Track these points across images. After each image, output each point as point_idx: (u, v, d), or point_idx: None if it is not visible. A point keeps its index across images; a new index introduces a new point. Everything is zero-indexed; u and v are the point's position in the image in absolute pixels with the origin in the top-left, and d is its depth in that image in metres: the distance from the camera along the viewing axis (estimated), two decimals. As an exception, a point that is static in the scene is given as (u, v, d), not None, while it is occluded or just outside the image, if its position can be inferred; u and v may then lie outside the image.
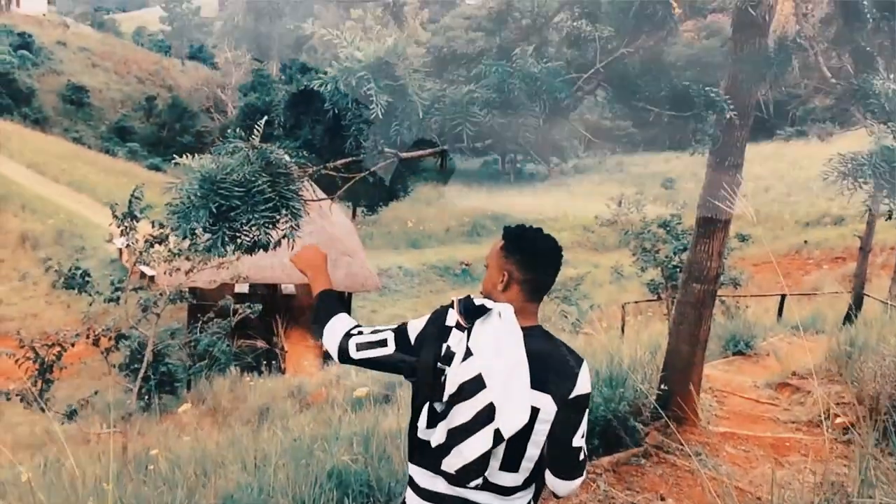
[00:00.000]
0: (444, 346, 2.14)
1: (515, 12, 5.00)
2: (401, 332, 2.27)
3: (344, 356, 2.32)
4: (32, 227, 29.13)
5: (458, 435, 2.05)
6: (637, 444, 5.14)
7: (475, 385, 2.03)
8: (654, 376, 5.66)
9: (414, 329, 2.25)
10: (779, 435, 5.99)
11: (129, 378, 11.23)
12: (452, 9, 56.57)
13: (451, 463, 2.08)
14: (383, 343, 2.26)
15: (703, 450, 5.15)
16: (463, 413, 2.04)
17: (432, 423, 2.13)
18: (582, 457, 2.22)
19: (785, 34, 3.60)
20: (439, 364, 2.12)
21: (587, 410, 2.22)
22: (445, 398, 2.07)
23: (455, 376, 2.06)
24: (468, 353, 2.06)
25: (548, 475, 2.24)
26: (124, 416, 6.97)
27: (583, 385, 2.18)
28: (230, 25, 77.04)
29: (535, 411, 2.11)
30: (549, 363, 2.15)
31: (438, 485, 2.19)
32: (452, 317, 2.16)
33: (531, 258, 2.23)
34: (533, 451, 2.17)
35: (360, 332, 2.32)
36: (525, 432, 2.09)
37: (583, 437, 2.20)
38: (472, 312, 2.11)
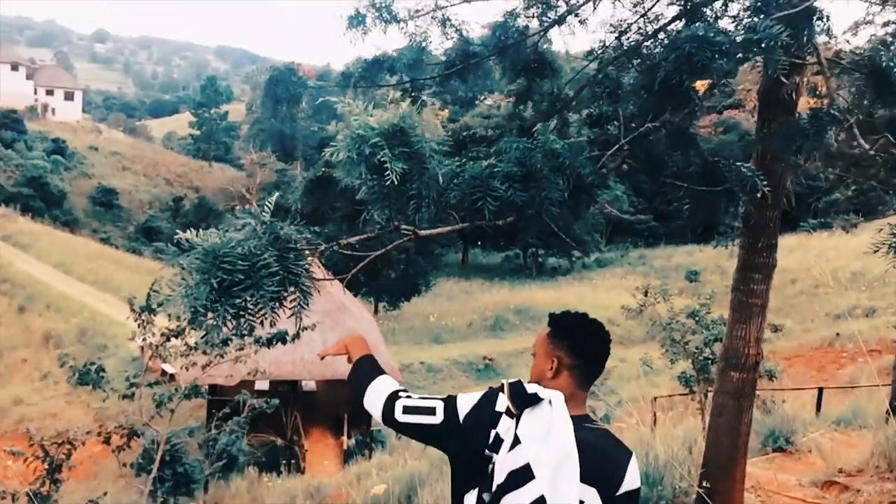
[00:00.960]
0: (493, 432, 2.04)
1: (535, 95, 4.94)
2: (450, 405, 2.19)
3: (388, 417, 2.25)
4: (56, 326, 29.26)
5: None
6: (678, 548, 4.74)
7: (524, 475, 1.94)
8: (695, 474, 5.29)
9: (463, 407, 2.17)
10: (831, 537, 5.53)
11: (143, 479, 10.87)
12: (472, 108, 57.97)
13: None
14: (431, 411, 2.19)
15: (751, 554, 4.73)
16: None
17: None
18: None
19: (818, 107, 3.47)
20: (487, 451, 2.04)
21: None
22: (494, 488, 1.98)
23: (503, 465, 1.98)
24: (516, 441, 1.98)
25: None
26: (133, 520, 6.63)
27: (631, 480, 2.12)
28: (256, 128, 79.42)
29: None
30: (597, 455, 2.07)
31: None
32: (503, 402, 2.08)
33: (580, 343, 2.19)
34: None
35: (409, 396, 2.27)
36: None
37: None
38: (522, 399, 2.04)
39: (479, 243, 57.26)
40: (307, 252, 2.55)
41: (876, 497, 6.55)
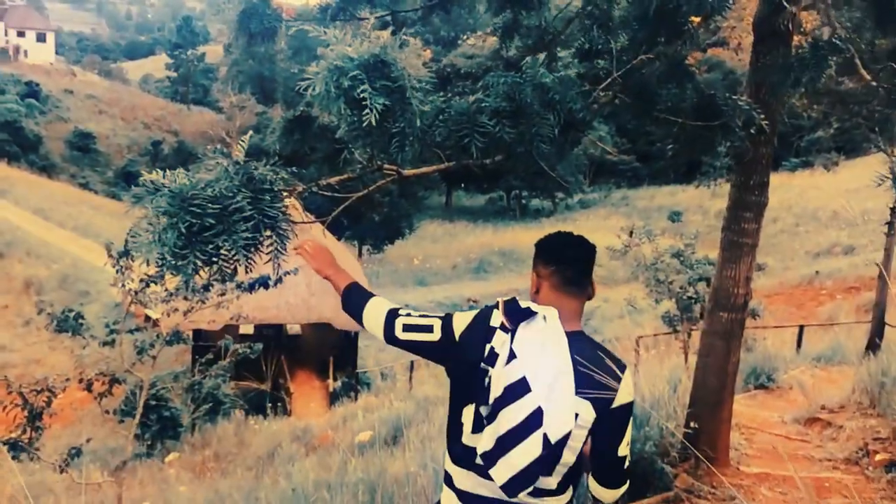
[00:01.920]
0: (488, 346, 2.09)
1: (522, 29, 4.74)
2: (447, 323, 2.26)
3: (390, 335, 2.33)
4: (37, 273, 28.94)
5: (507, 442, 1.98)
6: (666, 489, 4.74)
7: (520, 388, 1.98)
8: (680, 413, 5.28)
9: (459, 325, 2.24)
10: (816, 475, 5.57)
11: (127, 424, 10.85)
12: (454, 49, 56.92)
13: (500, 473, 2.01)
14: (429, 329, 2.26)
15: (738, 493, 4.75)
16: (510, 418, 1.98)
17: (478, 427, 2.10)
18: (626, 464, 2.20)
19: (819, 36, 3.31)
20: (482, 365, 2.08)
21: (631, 418, 2.19)
22: (490, 401, 2.02)
23: (499, 379, 2.01)
24: (512, 356, 2.02)
25: (592, 483, 2.24)
26: (118, 466, 6.58)
27: (625, 393, 2.14)
28: (234, 70, 77.81)
29: (574, 417, 2.07)
30: (591, 369, 2.11)
31: (483, 489, 2.15)
32: (497, 318, 2.12)
33: (553, 252, 2.26)
34: (569, 456, 2.10)
35: (409, 314, 2.34)
36: (563, 437, 2.03)
37: (627, 445, 2.18)
38: (516, 314, 2.07)
39: (463, 185, 56.95)
40: (284, 194, 2.40)
41: (859, 433, 6.60)
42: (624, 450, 2.16)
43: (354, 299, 2.46)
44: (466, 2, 4.69)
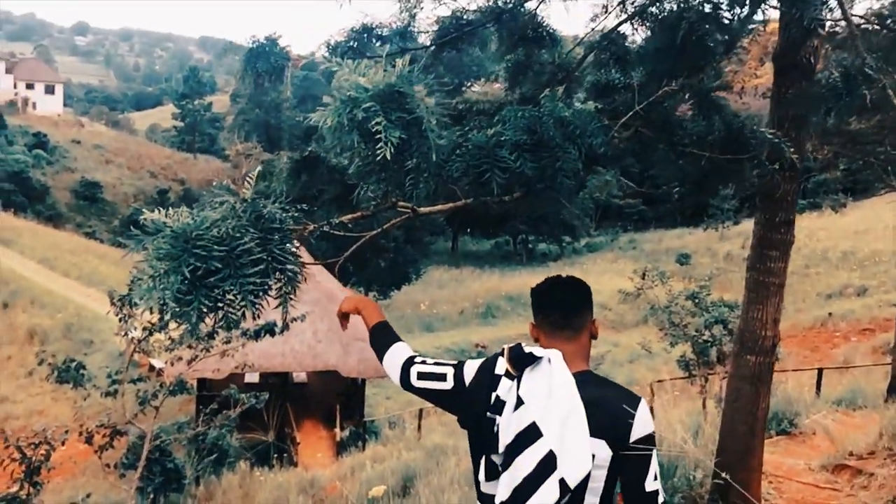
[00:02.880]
0: (494, 395, 2.07)
1: (535, 65, 4.63)
2: (459, 371, 2.26)
3: (405, 382, 2.36)
4: (41, 322, 28.76)
5: (523, 491, 1.93)
6: (696, 544, 4.48)
7: (531, 434, 1.95)
8: (708, 462, 5.03)
9: (468, 373, 2.24)
10: (852, 526, 5.29)
11: (129, 478, 10.54)
12: (458, 95, 57.35)
13: None
14: (443, 377, 2.27)
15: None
16: (524, 466, 1.93)
17: (492, 475, 2.08)
18: (661, 500, 2.12)
19: (850, 66, 3.17)
20: (489, 413, 2.06)
21: (653, 450, 2.11)
22: (502, 449, 1.99)
23: (509, 426, 1.99)
24: (520, 402, 1.99)
25: None
26: (118, 523, 6.32)
27: (642, 426, 2.09)
28: (241, 119, 78.63)
29: (591, 458, 2.02)
30: (602, 407, 2.07)
31: None
32: (502, 365, 2.10)
33: (539, 298, 2.32)
34: (591, 499, 2.06)
35: (424, 362, 2.36)
36: (583, 481, 1.98)
37: (656, 478, 2.10)
38: (521, 360, 2.04)
39: (469, 230, 56.87)
40: (294, 233, 2.23)
41: (891, 480, 6.32)
42: (653, 484, 2.09)
43: (380, 340, 2.49)
44: (477, 40, 4.59)
